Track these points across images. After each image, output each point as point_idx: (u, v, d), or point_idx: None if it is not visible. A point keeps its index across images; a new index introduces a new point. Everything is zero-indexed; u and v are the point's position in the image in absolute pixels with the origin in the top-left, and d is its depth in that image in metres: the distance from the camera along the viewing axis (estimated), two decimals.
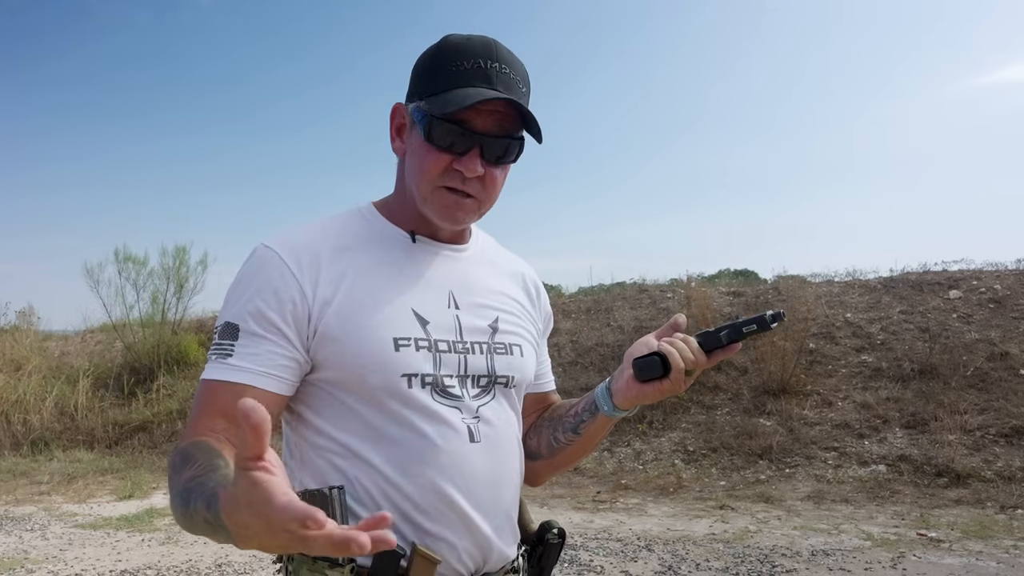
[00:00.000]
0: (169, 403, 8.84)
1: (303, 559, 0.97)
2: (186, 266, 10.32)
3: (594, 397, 1.14)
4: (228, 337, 0.97)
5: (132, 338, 9.97)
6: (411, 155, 1.03)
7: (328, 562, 0.95)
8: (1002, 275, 8.30)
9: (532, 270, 1.24)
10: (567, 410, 1.18)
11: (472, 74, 0.97)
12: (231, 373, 0.95)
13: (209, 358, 0.98)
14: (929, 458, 5.87)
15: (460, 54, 0.98)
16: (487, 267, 1.14)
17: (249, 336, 0.96)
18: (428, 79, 1.00)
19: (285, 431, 1.06)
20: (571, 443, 1.17)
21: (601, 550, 4.50)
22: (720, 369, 7.59)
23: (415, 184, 1.02)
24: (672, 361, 1.04)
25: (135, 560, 4.55)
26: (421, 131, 0.99)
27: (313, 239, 1.02)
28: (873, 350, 7.46)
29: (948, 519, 4.88)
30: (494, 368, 1.06)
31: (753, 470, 6.17)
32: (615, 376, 1.12)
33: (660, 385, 1.06)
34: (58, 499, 6.36)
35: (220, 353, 0.96)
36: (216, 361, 0.96)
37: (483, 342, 1.06)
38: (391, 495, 0.95)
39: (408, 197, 1.06)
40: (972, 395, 6.57)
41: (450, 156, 0.99)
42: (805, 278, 9.43)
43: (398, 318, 1.00)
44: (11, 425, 8.66)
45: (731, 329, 1.06)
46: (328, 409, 0.99)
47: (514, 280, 1.19)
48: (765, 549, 4.41)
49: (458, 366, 1.02)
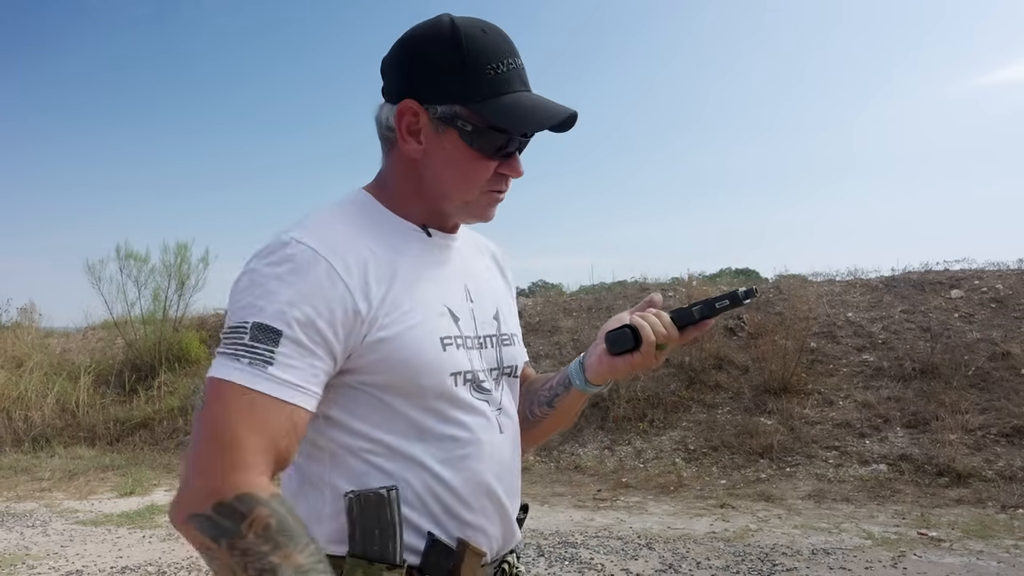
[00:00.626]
0: (170, 400, 8.85)
1: (358, 562, 0.91)
2: (187, 263, 10.34)
3: (568, 372, 1.16)
4: (266, 341, 0.86)
5: (133, 335, 9.98)
6: (446, 163, 0.98)
7: (386, 564, 0.91)
8: (1004, 275, 8.30)
9: (490, 240, 1.22)
10: (542, 384, 1.21)
11: (512, 78, 0.96)
12: (276, 388, 0.85)
13: (235, 357, 0.86)
14: (930, 457, 5.87)
15: (490, 54, 0.95)
16: (473, 252, 1.14)
17: (294, 345, 0.87)
18: (462, 81, 0.94)
19: None
20: (546, 416, 1.19)
21: (602, 548, 4.50)
22: (721, 368, 7.59)
23: (452, 190, 0.99)
24: (643, 334, 1.06)
25: (136, 556, 4.55)
26: (466, 140, 0.96)
27: (346, 236, 0.95)
28: (874, 349, 7.46)
29: (949, 518, 4.88)
30: (502, 359, 1.07)
31: (754, 469, 6.17)
32: (589, 351, 1.14)
33: (632, 358, 1.08)
34: (59, 495, 6.37)
35: (256, 358, 0.85)
36: (251, 367, 0.85)
37: (493, 334, 1.07)
38: (438, 492, 0.95)
39: (425, 194, 1.01)
40: (973, 395, 6.57)
41: (496, 162, 0.98)
42: (806, 277, 9.43)
43: (439, 317, 0.99)
44: (12, 421, 8.68)
45: (704, 305, 1.07)
46: (365, 409, 0.95)
47: (490, 259, 1.19)
48: (766, 548, 4.41)
49: (482, 360, 1.04)
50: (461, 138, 0.96)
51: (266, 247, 0.92)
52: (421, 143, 0.98)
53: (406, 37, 0.99)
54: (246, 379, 0.84)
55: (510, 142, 0.97)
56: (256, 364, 0.85)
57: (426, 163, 0.99)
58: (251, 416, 0.84)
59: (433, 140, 0.97)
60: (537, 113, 0.96)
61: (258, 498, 0.81)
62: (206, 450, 0.83)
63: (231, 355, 0.86)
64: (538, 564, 4.23)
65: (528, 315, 9.34)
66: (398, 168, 1.02)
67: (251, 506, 0.80)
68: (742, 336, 8.04)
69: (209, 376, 0.87)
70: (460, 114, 0.95)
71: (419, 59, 0.96)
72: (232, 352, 0.86)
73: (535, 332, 8.95)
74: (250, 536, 0.79)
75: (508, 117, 0.94)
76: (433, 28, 0.97)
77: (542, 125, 0.96)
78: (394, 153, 1.02)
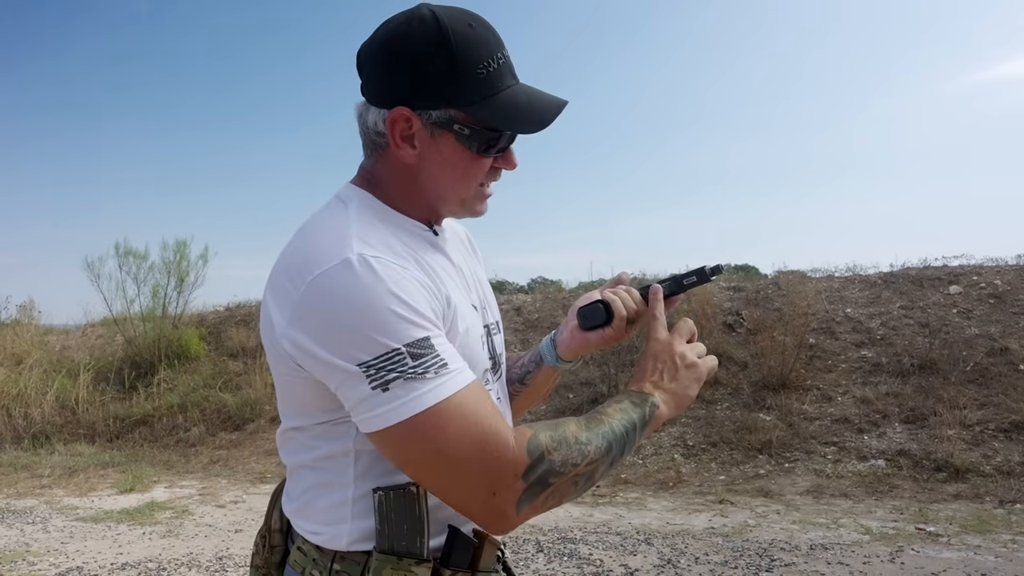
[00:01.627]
0: (170, 397, 8.85)
1: (387, 558, 0.89)
2: (187, 260, 10.36)
3: (539, 349, 1.20)
4: (425, 351, 0.82)
5: (133, 332, 9.98)
6: (442, 165, 0.96)
7: (414, 558, 0.89)
8: (1002, 270, 8.30)
9: (457, 223, 1.19)
10: (514, 362, 1.24)
11: (503, 73, 0.94)
12: (465, 376, 0.85)
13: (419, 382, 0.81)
14: (928, 453, 5.88)
15: (480, 50, 0.92)
16: (457, 242, 1.14)
17: (440, 338, 0.85)
18: (454, 84, 0.91)
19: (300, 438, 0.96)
20: (518, 394, 1.23)
21: (600, 544, 4.51)
22: (720, 364, 7.58)
23: (450, 191, 0.99)
24: (615, 308, 1.10)
25: (136, 553, 4.56)
26: (463, 142, 0.94)
27: (387, 238, 0.92)
28: (873, 345, 7.47)
29: (947, 514, 4.89)
30: (495, 348, 1.09)
31: (752, 464, 6.18)
32: (560, 328, 1.17)
33: (603, 333, 1.12)
34: (59, 492, 6.38)
35: (436, 366, 0.82)
36: (438, 376, 0.82)
37: (490, 324, 1.09)
38: None
39: (422, 195, 1.00)
40: (972, 390, 6.58)
41: (492, 158, 0.98)
42: (805, 273, 9.43)
43: (471, 311, 1.00)
44: (12, 419, 8.68)
45: (672, 281, 1.11)
46: None
47: (468, 246, 1.19)
48: (764, 543, 4.42)
49: (491, 351, 1.06)
50: (458, 140, 0.94)
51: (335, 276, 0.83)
52: (415, 148, 0.96)
53: (387, 35, 0.94)
54: (446, 390, 0.82)
55: (505, 137, 0.97)
56: (441, 373, 0.82)
57: (422, 167, 0.97)
58: (475, 413, 0.83)
59: (428, 144, 0.95)
60: (533, 109, 0.95)
61: (533, 436, 0.86)
62: (469, 467, 0.82)
63: (410, 381, 0.81)
64: (537, 560, 4.24)
65: (527, 311, 9.34)
66: (392, 171, 0.99)
67: (538, 443, 0.85)
68: (741, 332, 8.05)
69: (407, 419, 0.81)
70: (455, 117, 0.93)
71: (406, 63, 0.92)
72: (409, 379, 0.81)
73: (534, 328, 8.96)
74: (556, 456, 0.86)
75: (505, 117, 0.93)
76: (416, 25, 0.92)
77: (542, 123, 0.95)
78: (387, 156, 0.99)
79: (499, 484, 0.83)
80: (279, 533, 1.04)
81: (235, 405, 8.37)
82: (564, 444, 0.86)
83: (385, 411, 0.81)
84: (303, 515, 0.97)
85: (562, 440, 0.87)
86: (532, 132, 0.96)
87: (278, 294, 0.88)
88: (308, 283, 0.84)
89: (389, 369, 0.80)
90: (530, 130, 0.96)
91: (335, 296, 0.82)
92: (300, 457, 0.97)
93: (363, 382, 0.81)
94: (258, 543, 1.07)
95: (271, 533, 1.05)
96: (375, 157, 1.01)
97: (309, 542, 0.96)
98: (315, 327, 0.83)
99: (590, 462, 0.88)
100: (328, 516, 0.94)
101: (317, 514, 0.95)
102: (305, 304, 0.84)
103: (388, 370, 0.80)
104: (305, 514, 0.97)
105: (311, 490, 0.96)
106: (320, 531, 0.95)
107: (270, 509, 1.07)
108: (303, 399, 0.92)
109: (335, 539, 0.93)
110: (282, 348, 0.87)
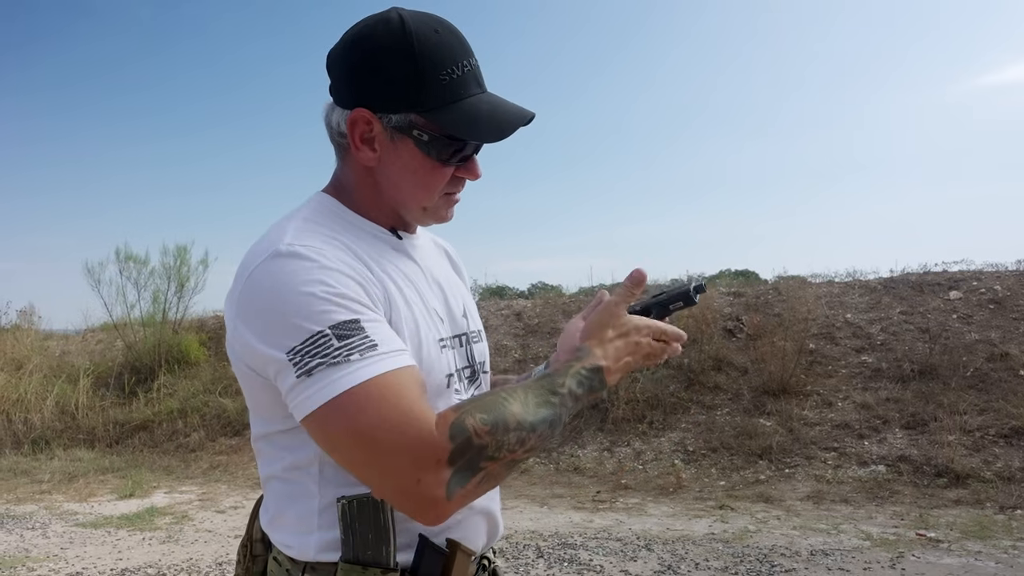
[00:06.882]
0: (170, 402, 8.85)
1: (352, 567, 0.89)
2: (187, 265, 10.35)
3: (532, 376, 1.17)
4: (354, 332, 0.81)
5: (133, 337, 9.98)
6: (402, 171, 0.95)
7: (380, 567, 0.89)
8: (1002, 276, 8.31)
9: (440, 237, 1.21)
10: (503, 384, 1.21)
11: (468, 81, 0.93)
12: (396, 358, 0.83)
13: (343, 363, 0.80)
14: (928, 458, 5.88)
15: (445, 57, 0.91)
16: (434, 252, 1.14)
17: (373, 321, 0.84)
18: (416, 89, 0.90)
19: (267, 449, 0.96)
20: None
21: (601, 549, 4.51)
22: (720, 369, 7.60)
23: (409, 197, 0.98)
24: None
25: (136, 559, 4.56)
26: (422, 148, 0.93)
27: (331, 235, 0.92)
28: (873, 350, 7.47)
29: (947, 519, 4.89)
30: (474, 357, 1.08)
31: (753, 470, 6.17)
32: (553, 357, 1.15)
33: None
34: (59, 498, 6.38)
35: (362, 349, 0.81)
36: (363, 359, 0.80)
37: (464, 333, 1.08)
38: None
39: (384, 200, 1.00)
40: (972, 396, 6.58)
41: (454, 168, 0.97)
42: (805, 278, 9.45)
43: (430, 317, 0.99)
44: (12, 424, 8.68)
45: (658, 308, 1.09)
46: None
47: (447, 258, 1.19)
48: (764, 549, 4.41)
49: (465, 358, 1.05)
50: (417, 147, 0.93)
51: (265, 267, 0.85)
52: (375, 151, 0.95)
53: (354, 37, 0.94)
54: (369, 371, 0.80)
55: (467, 147, 0.96)
56: (366, 355, 0.81)
57: (381, 171, 0.97)
58: (397, 396, 0.80)
59: (388, 148, 0.95)
60: (495, 119, 0.93)
61: (458, 420, 0.80)
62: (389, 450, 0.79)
63: (333, 365, 0.79)
64: (537, 566, 4.24)
65: (527, 317, 9.35)
66: (355, 174, 0.99)
67: (462, 427, 0.80)
68: (741, 337, 8.05)
69: (328, 401, 0.79)
70: (415, 123, 0.92)
71: (370, 65, 0.91)
72: (333, 362, 0.80)
73: (534, 334, 8.96)
74: (488, 439, 0.81)
75: (465, 126, 0.92)
76: (383, 29, 0.91)
77: (501, 134, 0.93)
78: (349, 159, 0.99)
79: (422, 470, 0.78)
80: (260, 543, 1.04)
81: (235, 410, 8.36)
82: (501, 428, 0.81)
83: (309, 395, 0.80)
84: (275, 526, 0.97)
85: (499, 423, 0.81)
86: (490, 142, 0.95)
87: (228, 299, 0.91)
88: (244, 281, 0.87)
89: (314, 354, 0.80)
90: (488, 139, 0.94)
91: (263, 287, 0.84)
92: (271, 468, 0.97)
93: (290, 370, 0.81)
94: (240, 553, 1.07)
95: (252, 543, 1.04)
96: (341, 160, 1.01)
97: (283, 553, 0.95)
98: (251, 319, 0.85)
99: (529, 449, 0.84)
100: (297, 526, 0.93)
101: (288, 525, 0.95)
102: (242, 300, 0.86)
103: (312, 355, 0.80)
104: (277, 525, 0.97)
105: (281, 501, 0.96)
106: (290, 542, 0.94)
107: (251, 519, 1.07)
108: (263, 403, 0.92)
109: (304, 550, 0.92)
110: (236, 350, 0.89)
